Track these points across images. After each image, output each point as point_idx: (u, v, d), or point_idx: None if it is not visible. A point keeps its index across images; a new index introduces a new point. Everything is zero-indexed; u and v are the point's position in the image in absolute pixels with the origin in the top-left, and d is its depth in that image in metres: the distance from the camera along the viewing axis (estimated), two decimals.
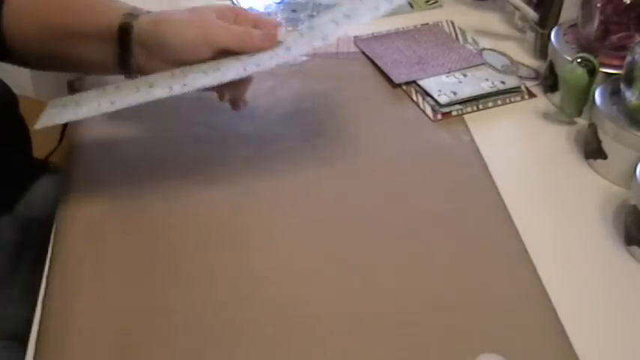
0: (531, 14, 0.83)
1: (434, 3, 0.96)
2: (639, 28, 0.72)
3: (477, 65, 0.81)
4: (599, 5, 0.72)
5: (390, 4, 0.59)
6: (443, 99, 0.75)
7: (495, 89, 0.77)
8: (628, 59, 0.66)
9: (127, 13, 0.60)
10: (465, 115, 0.75)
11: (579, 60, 0.70)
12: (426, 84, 0.78)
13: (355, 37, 0.87)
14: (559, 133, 0.74)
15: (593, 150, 0.69)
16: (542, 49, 0.82)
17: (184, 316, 0.52)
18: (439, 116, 0.74)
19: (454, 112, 0.75)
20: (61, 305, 0.52)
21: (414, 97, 0.77)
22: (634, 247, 0.60)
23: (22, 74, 0.85)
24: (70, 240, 0.57)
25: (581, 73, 0.70)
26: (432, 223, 0.61)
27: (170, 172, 0.64)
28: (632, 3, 0.71)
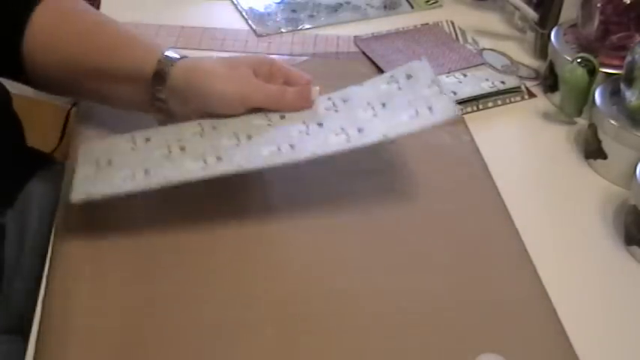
0: (531, 14, 0.83)
1: (434, 3, 0.96)
2: (639, 28, 0.72)
3: (477, 65, 0.81)
4: (599, 5, 0.72)
5: (431, 113, 0.58)
6: None
7: (495, 89, 0.77)
8: (628, 59, 0.66)
9: (162, 59, 0.59)
10: (465, 115, 0.75)
11: (579, 60, 0.70)
12: None
13: (355, 37, 0.87)
14: (559, 133, 0.74)
15: (593, 150, 0.69)
16: (542, 49, 0.82)
17: (184, 316, 0.52)
18: None
19: None
20: (61, 305, 0.52)
21: None
22: (634, 247, 0.60)
23: None
24: (70, 240, 0.57)
25: (581, 73, 0.70)
26: (432, 223, 0.61)
27: None
28: (632, 3, 0.71)
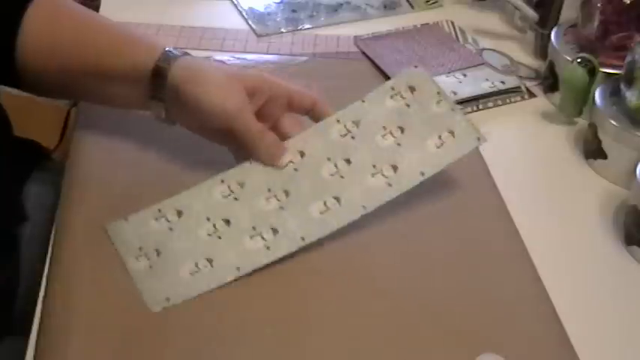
0: (531, 14, 0.83)
1: (434, 3, 0.96)
2: (639, 28, 0.72)
3: (477, 65, 0.81)
4: (599, 5, 0.72)
5: (454, 138, 0.59)
6: None
7: (495, 89, 0.77)
8: (628, 59, 0.66)
9: (161, 58, 0.58)
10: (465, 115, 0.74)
11: (579, 60, 0.70)
12: None
13: (355, 37, 0.87)
14: (559, 133, 0.74)
15: (593, 150, 0.69)
16: (542, 49, 0.82)
17: (184, 316, 0.52)
18: None
19: None
20: (61, 305, 0.52)
21: None
22: (634, 247, 0.60)
23: None
24: (70, 240, 0.57)
25: (581, 73, 0.70)
26: (431, 222, 0.61)
27: (171, 171, 0.64)
28: (632, 3, 0.71)
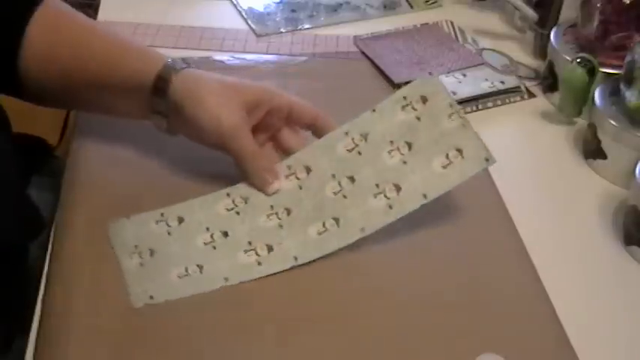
0: (531, 14, 0.84)
1: (433, 3, 0.96)
2: (639, 28, 0.72)
3: (477, 65, 0.81)
4: (598, 5, 0.72)
5: (463, 159, 0.58)
6: None
7: (495, 89, 0.77)
8: (628, 59, 0.66)
9: (162, 71, 0.58)
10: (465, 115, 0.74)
11: (579, 60, 0.70)
12: None
13: (355, 37, 0.87)
14: (559, 133, 0.74)
15: (592, 150, 0.69)
16: (542, 49, 0.82)
17: (184, 316, 0.52)
18: None
19: None
20: (61, 305, 0.52)
21: None
22: (633, 247, 0.60)
23: None
24: (70, 240, 0.57)
25: (581, 73, 0.70)
26: (431, 223, 0.61)
27: (171, 171, 0.64)
28: (631, 3, 0.71)
